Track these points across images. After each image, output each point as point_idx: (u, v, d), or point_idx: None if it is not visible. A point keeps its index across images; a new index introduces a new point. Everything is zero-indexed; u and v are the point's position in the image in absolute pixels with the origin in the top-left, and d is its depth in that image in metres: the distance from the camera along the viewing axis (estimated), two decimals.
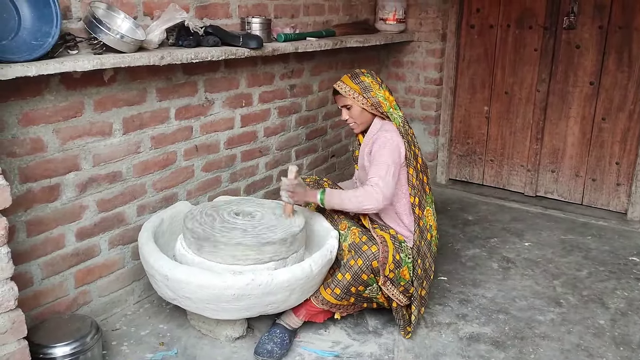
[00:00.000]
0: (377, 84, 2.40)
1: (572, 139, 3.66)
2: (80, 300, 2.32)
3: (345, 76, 2.44)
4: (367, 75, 2.40)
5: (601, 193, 3.64)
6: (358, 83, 2.37)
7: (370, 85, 2.37)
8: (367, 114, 2.40)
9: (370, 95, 2.35)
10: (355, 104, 2.37)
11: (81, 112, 2.16)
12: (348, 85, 2.38)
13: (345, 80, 2.41)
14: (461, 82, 3.99)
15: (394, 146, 2.28)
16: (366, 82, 2.37)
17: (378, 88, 2.38)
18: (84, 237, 2.28)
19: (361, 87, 2.36)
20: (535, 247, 3.18)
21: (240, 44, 2.53)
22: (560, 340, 2.32)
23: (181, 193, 2.67)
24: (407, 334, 2.30)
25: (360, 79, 2.38)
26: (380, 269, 2.15)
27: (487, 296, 2.65)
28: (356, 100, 2.36)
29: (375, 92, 2.36)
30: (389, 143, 2.28)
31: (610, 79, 3.45)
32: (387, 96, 2.38)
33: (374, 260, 2.15)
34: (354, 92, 2.36)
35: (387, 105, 2.37)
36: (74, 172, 2.18)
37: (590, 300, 2.63)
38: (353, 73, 2.43)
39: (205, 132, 2.72)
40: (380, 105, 2.36)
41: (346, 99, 2.39)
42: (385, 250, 2.17)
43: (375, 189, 2.19)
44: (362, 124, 2.42)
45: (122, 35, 2.05)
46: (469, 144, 4.06)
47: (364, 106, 2.37)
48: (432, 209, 2.43)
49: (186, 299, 2.04)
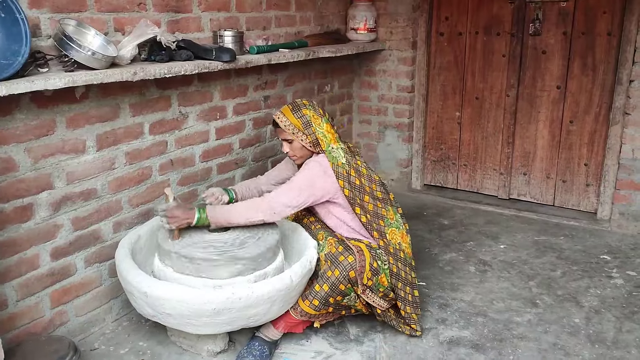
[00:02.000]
0: (319, 116, 2.38)
1: (542, 141, 3.75)
2: (57, 321, 2.28)
3: (286, 107, 2.40)
4: (309, 108, 2.38)
5: (572, 194, 3.73)
6: (299, 117, 2.35)
7: (311, 120, 2.35)
8: (306, 150, 2.39)
9: (311, 131, 2.34)
10: (296, 140, 2.36)
11: (53, 130, 2.14)
12: (289, 119, 2.35)
13: (286, 113, 2.37)
14: (433, 89, 4.05)
15: (311, 173, 2.29)
16: (307, 116, 2.35)
17: (319, 123, 2.36)
18: (59, 257, 2.25)
19: (302, 122, 2.34)
20: (510, 249, 3.24)
21: (214, 58, 2.53)
22: (538, 341, 2.36)
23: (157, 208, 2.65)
24: (408, 331, 2.34)
25: (302, 113, 2.36)
26: (358, 278, 2.17)
27: (465, 300, 2.69)
28: (296, 136, 2.35)
29: (315, 127, 2.35)
30: (308, 169, 2.31)
31: (575, 83, 3.55)
32: (328, 130, 2.37)
33: (350, 270, 2.16)
34: (294, 127, 2.34)
35: (326, 142, 2.35)
36: (47, 191, 2.15)
37: (565, 299, 2.69)
38: (294, 105, 2.40)
39: (180, 145, 2.71)
40: (319, 144, 2.35)
41: (286, 134, 2.37)
42: (362, 259, 2.19)
43: (266, 200, 2.24)
44: (302, 157, 2.42)
45: (93, 51, 2.03)
46: (442, 150, 4.12)
47: (302, 143, 2.36)
48: (397, 225, 2.39)
49: (166, 316, 2.02)
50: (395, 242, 2.34)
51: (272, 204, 2.25)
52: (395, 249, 2.32)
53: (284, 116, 2.38)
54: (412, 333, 2.35)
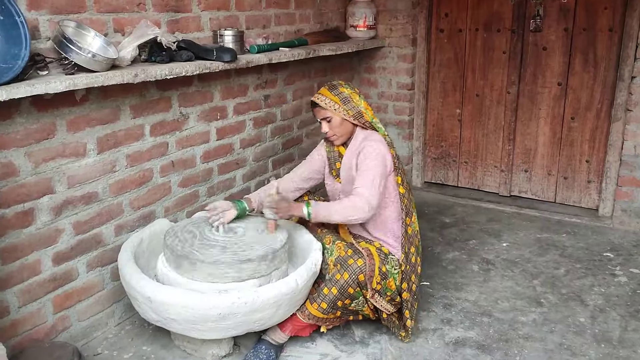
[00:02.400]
0: (356, 94, 2.40)
1: (543, 138, 3.73)
2: (60, 327, 2.26)
3: (323, 88, 2.42)
4: (345, 87, 2.40)
5: (573, 191, 3.72)
6: (337, 94, 2.36)
7: (350, 96, 2.36)
8: (348, 125, 2.39)
9: (352, 105, 2.35)
10: (336, 116, 2.35)
11: (54, 133, 2.10)
12: (327, 97, 2.36)
13: (324, 92, 2.39)
14: (433, 86, 4.03)
15: (379, 156, 2.27)
16: (345, 93, 2.36)
17: (358, 99, 2.38)
18: (60, 262, 2.22)
19: (341, 98, 2.35)
20: (513, 247, 3.23)
21: (214, 58, 2.50)
22: (544, 341, 2.35)
23: (159, 210, 2.62)
24: (405, 337, 2.32)
25: (339, 90, 2.37)
26: (368, 282, 2.15)
27: (470, 299, 2.68)
28: (337, 112, 2.34)
29: (355, 102, 2.36)
30: (375, 153, 2.27)
31: (577, 80, 3.53)
32: (366, 106, 2.38)
33: (360, 273, 2.14)
34: (333, 103, 2.34)
35: (369, 115, 2.37)
36: (48, 196, 2.13)
37: (569, 298, 2.68)
38: (331, 85, 2.41)
39: (181, 147, 2.69)
40: (362, 115, 2.36)
41: (326, 111, 2.36)
42: (372, 263, 2.17)
43: (361, 199, 2.18)
44: (342, 136, 2.41)
45: (94, 54, 2.00)
46: (443, 147, 4.10)
47: (345, 117, 2.35)
48: (416, 214, 2.44)
49: (171, 321, 2.00)
50: (415, 228, 2.35)
51: (369, 200, 2.18)
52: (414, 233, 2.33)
53: (322, 95, 2.38)
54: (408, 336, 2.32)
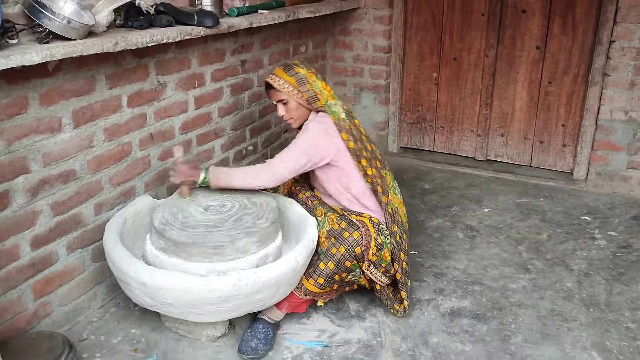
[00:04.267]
0: (313, 74, 2.32)
1: (520, 103, 3.74)
2: (41, 313, 2.13)
3: (278, 69, 2.33)
4: (301, 67, 2.31)
5: (548, 154, 3.76)
6: (293, 75, 2.28)
7: (306, 77, 2.29)
8: (303, 109, 2.32)
9: (306, 88, 2.28)
10: (291, 99, 2.28)
11: (26, 108, 1.92)
12: (282, 79, 2.28)
13: (279, 73, 2.30)
14: (409, 49, 3.94)
15: (311, 134, 2.22)
16: (301, 74, 2.28)
17: (314, 79, 2.30)
18: (39, 245, 2.07)
19: (296, 79, 2.27)
20: (494, 213, 3.25)
21: (196, 23, 2.33)
22: (536, 307, 2.39)
23: (139, 186, 2.48)
24: (398, 312, 2.28)
25: (295, 71, 2.29)
26: (365, 254, 2.11)
27: (459, 268, 2.68)
28: (291, 95, 2.27)
29: (311, 84, 2.28)
30: (309, 131, 2.23)
31: (555, 43, 3.52)
32: (323, 87, 2.31)
33: (357, 246, 2.09)
34: (288, 85, 2.27)
35: (324, 97, 2.30)
36: (23, 176, 1.96)
37: (554, 263, 2.73)
38: (286, 65, 2.33)
39: (159, 118, 2.53)
40: (316, 99, 2.29)
41: (281, 94, 2.29)
42: (368, 234, 2.12)
43: (268, 167, 2.20)
44: (299, 119, 2.35)
45: (69, 19, 1.82)
46: (419, 112, 4.06)
47: (299, 100, 2.28)
48: (394, 190, 2.37)
49: (167, 305, 1.91)
50: (394, 205, 2.29)
51: (273, 168, 2.20)
52: (394, 211, 2.27)
53: (276, 76, 2.30)
54: (402, 313, 2.31)
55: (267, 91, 2.37)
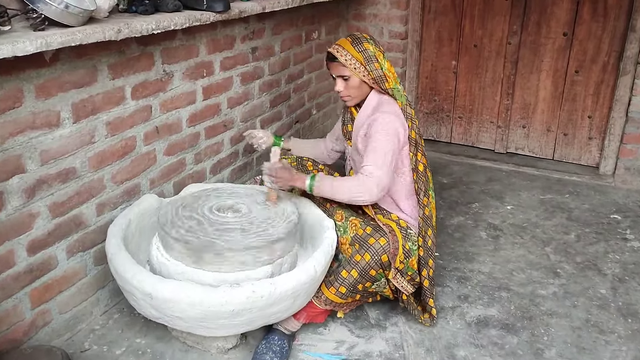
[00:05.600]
0: (381, 53, 2.12)
1: (543, 93, 3.54)
2: (39, 322, 1.98)
3: (345, 40, 2.11)
4: (370, 42, 2.10)
5: (573, 148, 3.58)
6: (361, 51, 2.07)
7: (375, 55, 2.08)
8: (366, 87, 2.12)
9: (374, 67, 2.07)
10: (355, 75, 2.08)
11: (20, 101, 1.75)
12: (349, 53, 2.07)
13: (346, 46, 2.09)
14: (427, 35, 3.75)
15: (392, 131, 2.03)
16: (370, 51, 2.08)
17: (382, 58, 2.10)
18: (37, 250, 1.91)
19: (364, 56, 2.07)
20: (518, 210, 3.08)
21: (205, 7, 2.15)
22: (569, 317, 2.23)
23: (144, 183, 2.32)
24: (425, 321, 2.14)
25: (364, 47, 2.08)
26: (392, 261, 1.94)
27: (484, 271, 2.52)
28: (357, 71, 2.07)
29: (379, 63, 2.08)
30: (387, 127, 2.03)
31: (584, 30, 3.32)
32: (389, 68, 2.11)
33: (383, 254, 1.93)
34: (355, 61, 2.06)
35: (392, 80, 2.10)
36: (19, 176, 1.79)
37: (585, 267, 2.56)
38: (354, 38, 2.11)
39: (165, 110, 2.35)
40: (385, 81, 2.08)
41: (345, 69, 2.08)
42: (395, 241, 1.96)
43: (371, 179, 1.96)
44: (357, 97, 2.16)
45: (67, 4, 1.64)
46: (436, 101, 3.87)
47: (364, 78, 2.08)
48: (432, 192, 2.23)
49: (175, 319, 1.75)
50: (431, 210, 2.14)
51: (376, 179, 1.96)
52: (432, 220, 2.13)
53: (343, 49, 2.08)
54: (431, 322, 2.16)
55: (328, 63, 2.15)
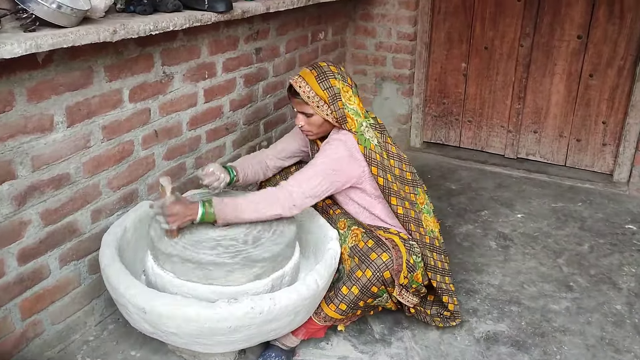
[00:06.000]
0: (349, 86, 1.98)
1: (556, 97, 3.44)
2: (30, 334, 1.90)
3: (309, 74, 1.96)
4: (337, 77, 1.96)
5: (586, 154, 3.47)
6: (327, 89, 1.93)
7: (340, 92, 1.95)
8: (327, 125, 2.01)
9: (338, 106, 1.94)
10: (319, 114, 1.96)
11: (11, 105, 1.67)
12: (313, 90, 1.93)
13: (310, 81, 1.94)
14: (436, 36, 3.65)
15: (333, 156, 1.92)
16: (336, 88, 1.94)
17: (350, 96, 1.96)
18: (28, 259, 1.83)
19: (330, 94, 1.93)
20: (528, 219, 2.98)
21: (206, 7, 2.07)
22: (582, 334, 2.13)
23: (142, 189, 2.24)
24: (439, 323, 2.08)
25: (330, 83, 1.94)
26: (395, 278, 1.85)
27: (493, 284, 2.43)
28: (320, 110, 1.95)
29: (343, 102, 1.94)
30: (331, 151, 1.93)
31: (599, 32, 3.21)
32: (359, 104, 1.99)
33: (385, 270, 1.83)
34: (319, 99, 1.93)
35: (358, 122, 1.96)
36: (9, 182, 1.71)
37: (599, 280, 2.46)
38: (320, 72, 1.96)
39: (165, 113, 2.27)
40: (346, 121, 1.95)
41: (307, 107, 1.96)
42: (399, 256, 1.86)
43: (285, 193, 1.85)
44: (319, 134, 2.04)
45: (59, 4, 1.56)
46: (445, 104, 3.77)
47: (327, 117, 1.96)
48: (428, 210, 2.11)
49: (170, 334, 1.67)
50: (429, 230, 2.03)
51: (292, 196, 1.86)
52: (431, 239, 2.02)
53: (307, 85, 1.94)
54: (445, 324, 2.08)
55: (290, 96, 2.03)
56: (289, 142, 2.26)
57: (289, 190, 1.86)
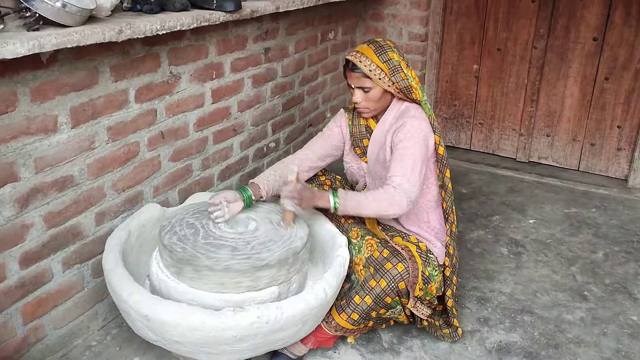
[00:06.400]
0: (405, 61, 1.95)
1: (570, 100, 3.37)
2: (32, 338, 1.86)
3: (367, 48, 1.92)
4: (395, 51, 1.93)
5: (600, 158, 3.40)
6: (386, 61, 1.89)
7: (400, 65, 1.91)
8: (387, 98, 1.96)
9: (400, 77, 1.90)
10: (378, 86, 1.92)
11: (14, 105, 1.63)
12: (374, 63, 1.89)
13: (369, 54, 1.90)
14: (448, 37, 3.59)
15: (421, 137, 1.86)
16: (395, 61, 1.91)
17: (406, 67, 1.94)
18: (30, 263, 1.80)
19: (389, 66, 1.89)
20: (541, 224, 2.92)
21: (215, 7, 2.02)
22: (598, 346, 2.07)
23: (147, 190, 2.20)
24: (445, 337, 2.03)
25: (389, 56, 1.90)
26: (410, 290, 1.80)
27: (505, 292, 2.37)
28: (381, 82, 1.90)
29: (405, 72, 1.92)
30: (416, 133, 1.86)
31: (615, 35, 3.14)
32: (414, 77, 1.95)
33: (400, 281, 1.78)
34: (380, 71, 1.89)
35: (419, 91, 1.94)
36: (11, 185, 1.68)
37: (615, 290, 2.40)
38: (378, 45, 1.92)
39: (171, 113, 2.23)
40: (412, 91, 1.93)
41: (367, 80, 1.91)
42: (415, 267, 1.80)
43: (399, 191, 1.79)
44: (376, 110, 1.99)
45: (64, 3, 1.52)
46: (456, 106, 3.71)
47: (389, 89, 1.92)
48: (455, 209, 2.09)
49: (174, 343, 1.62)
50: None
51: (407, 192, 1.81)
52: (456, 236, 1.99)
53: (366, 58, 1.90)
54: (453, 337, 2.02)
55: (348, 71, 1.96)
56: (325, 141, 2.16)
57: (403, 189, 1.80)
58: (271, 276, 1.71)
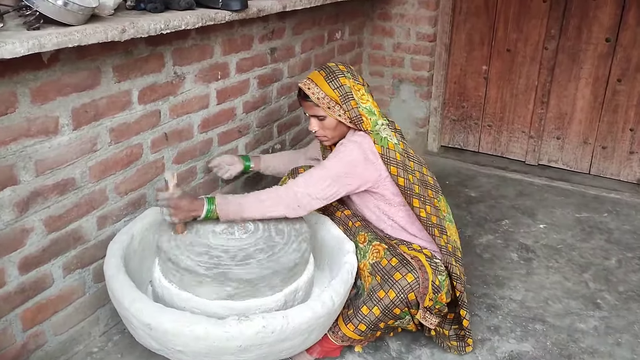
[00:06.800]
0: (360, 85, 1.89)
1: (581, 102, 3.31)
2: (32, 345, 1.82)
3: (318, 75, 1.88)
4: (347, 76, 1.87)
5: (612, 162, 3.34)
6: (337, 88, 1.84)
7: (352, 91, 1.85)
8: (342, 127, 1.91)
9: (351, 105, 1.84)
10: (331, 116, 1.87)
11: (14, 106, 1.58)
12: (323, 91, 1.84)
13: (318, 81, 1.86)
14: (457, 37, 3.53)
15: (348, 159, 1.82)
16: (346, 87, 1.85)
17: (362, 95, 1.87)
18: (30, 268, 1.75)
19: (341, 93, 1.84)
20: (551, 229, 2.86)
21: (220, 6, 1.97)
22: (612, 357, 2.01)
23: (150, 194, 2.15)
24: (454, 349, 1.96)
25: (340, 82, 1.85)
26: (420, 301, 1.74)
27: (515, 299, 2.31)
28: (332, 111, 1.85)
29: (356, 100, 1.85)
30: (343, 153, 1.83)
31: (629, 36, 3.07)
32: (373, 104, 1.90)
33: (410, 292, 1.73)
34: (329, 100, 1.84)
35: (372, 120, 1.87)
36: (11, 188, 1.63)
37: (629, 298, 2.34)
38: (329, 71, 1.88)
39: (175, 115, 2.18)
40: (361, 122, 1.86)
41: (318, 109, 1.87)
42: (425, 278, 1.74)
43: (290, 192, 1.78)
44: (335, 138, 1.95)
45: (66, 1, 1.47)
46: (464, 108, 3.65)
47: (340, 118, 1.87)
48: (450, 218, 2.02)
49: (177, 352, 1.58)
50: (452, 239, 1.93)
51: (297, 196, 1.79)
52: (454, 248, 1.91)
53: (315, 86, 1.86)
54: (460, 350, 1.97)
55: (301, 100, 1.95)
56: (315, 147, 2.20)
57: (294, 191, 1.79)
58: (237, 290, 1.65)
